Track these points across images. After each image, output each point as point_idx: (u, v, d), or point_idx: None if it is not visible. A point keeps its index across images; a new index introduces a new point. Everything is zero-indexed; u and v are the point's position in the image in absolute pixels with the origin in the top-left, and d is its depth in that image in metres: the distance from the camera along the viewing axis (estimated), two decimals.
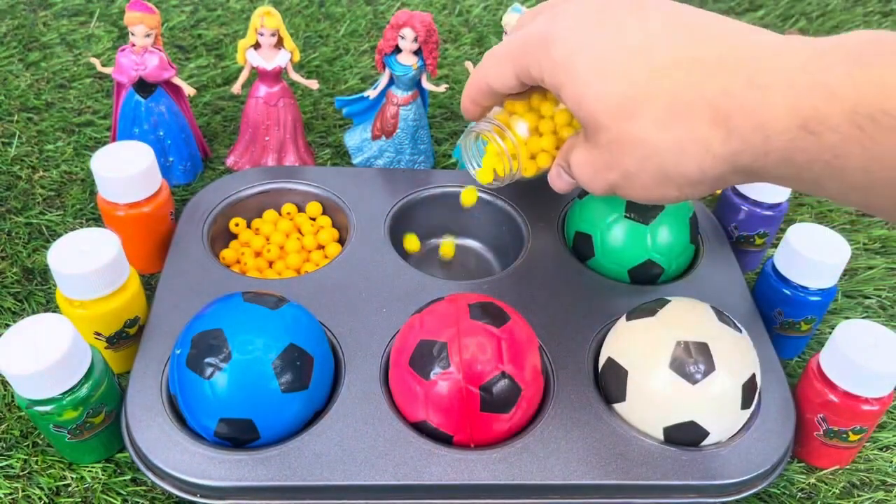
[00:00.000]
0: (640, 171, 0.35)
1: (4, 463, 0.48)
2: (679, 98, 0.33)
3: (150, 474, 0.44)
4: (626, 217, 0.56)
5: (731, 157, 0.33)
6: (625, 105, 0.34)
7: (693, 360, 0.45)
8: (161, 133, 0.65)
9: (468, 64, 0.69)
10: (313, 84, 0.66)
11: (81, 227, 0.62)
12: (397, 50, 0.63)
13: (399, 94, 0.65)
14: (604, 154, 0.36)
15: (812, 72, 0.30)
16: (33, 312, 0.56)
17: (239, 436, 0.45)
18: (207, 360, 0.43)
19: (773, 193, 0.59)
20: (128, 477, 0.47)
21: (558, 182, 0.44)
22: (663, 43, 0.34)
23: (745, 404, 0.46)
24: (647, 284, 0.57)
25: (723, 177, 0.34)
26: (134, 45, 0.62)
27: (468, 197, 0.57)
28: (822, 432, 0.49)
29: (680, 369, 0.45)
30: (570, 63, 0.35)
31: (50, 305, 0.57)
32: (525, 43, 0.38)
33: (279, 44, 0.63)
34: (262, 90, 0.65)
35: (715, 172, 0.34)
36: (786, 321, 0.55)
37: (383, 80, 0.65)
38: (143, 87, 0.63)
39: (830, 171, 0.30)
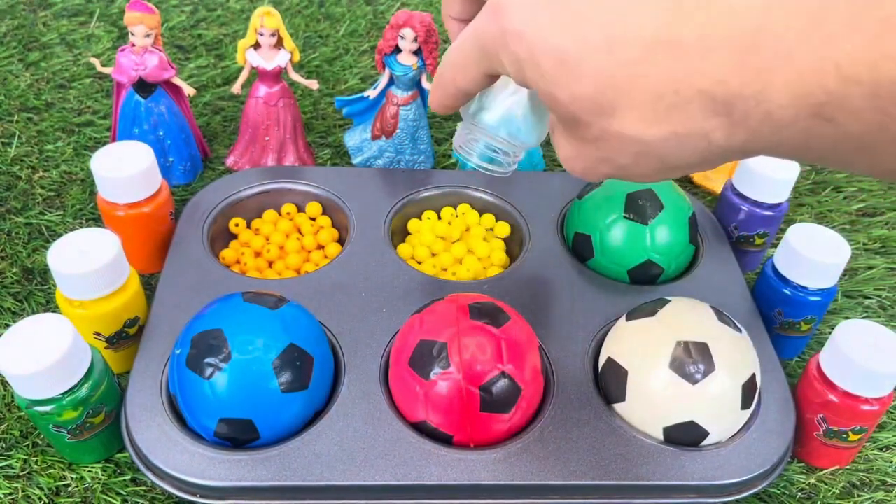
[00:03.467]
0: (636, 165, 0.32)
1: (4, 463, 0.48)
2: (665, 89, 0.29)
3: (149, 474, 0.45)
4: (625, 217, 0.56)
5: (739, 146, 0.29)
6: (602, 101, 0.30)
7: (693, 360, 0.45)
8: (161, 133, 0.65)
9: None
10: (313, 84, 0.66)
11: (81, 227, 0.62)
12: (397, 50, 0.63)
13: (399, 94, 0.65)
14: (593, 150, 0.33)
15: (814, 45, 0.25)
16: (33, 312, 0.56)
17: (239, 436, 0.45)
18: (207, 360, 0.43)
19: (773, 193, 0.59)
20: (128, 477, 0.47)
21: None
22: (629, 27, 0.29)
23: (745, 404, 0.46)
24: (646, 284, 0.57)
25: (731, 159, 0.31)
26: (134, 45, 0.62)
27: None
28: (822, 432, 0.49)
29: (680, 369, 0.45)
30: (533, 62, 0.31)
31: (50, 305, 0.57)
32: (482, 46, 0.34)
33: (279, 44, 0.63)
34: (262, 90, 0.65)
35: (721, 160, 0.31)
36: (786, 321, 0.55)
37: (383, 80, 0.65)
38: (143, 87, 0.63)
39: (858, 156, 0.27)
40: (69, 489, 0.47)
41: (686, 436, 0.46)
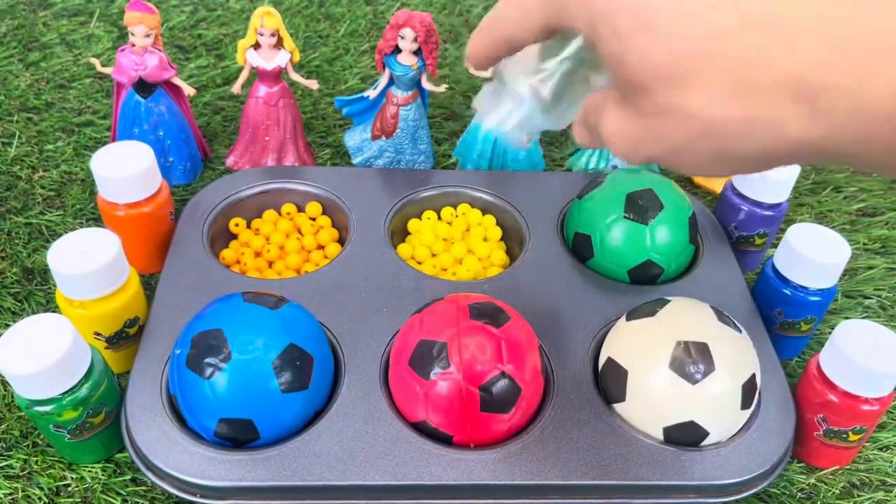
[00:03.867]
0: (691, 148, 0.30)
1: (4, 463, 0.48)
2: (749, 68, 0.27)
3: (149, 474, 0.45)
4: (625, 217, 0.56)
5: (814, 141, 0.27)
6: (677, 70, 0.28)
7: (693, 360, 0.45)
8: (161, 133, 0.65)
9: None
10: (313, 84, 0.66)
11: (81, 227, 0.62)
12: (397, 50, 0.63)
13: (399, 94, 0.65)
14: (648, 124, 0.31)
15: None
16: (33, 312, 0.56)
17: (239, 436, 0.45)
18: (207, 360, 0.43)
19: (773, 193, 0.59)
20: (128, 477, 0.47)
21: (586, 141, 0.37)
22: None
23: (745, 404, 0.46)
24: (646, 284, 0.57)
25: (791, 159, 0.29)
26: (134, 45, 0.62)
27: None
28: (822, 432, 0.49)
29: (680, 369, 0.45)
30: (613, 15, 0.29)
31: (50, 305, 0.57)
32: None
33: (279, 44, 0.63)
34: (262, 90, 0.65)
35: (784, 155, 0.29)
36: (786, 321, 0.55)
37: (383, 80, 0.65)
38: (143, 87, 0.63)
39: None
40: (69, 489, 0.47)
41: (686, 436, 0.46)
